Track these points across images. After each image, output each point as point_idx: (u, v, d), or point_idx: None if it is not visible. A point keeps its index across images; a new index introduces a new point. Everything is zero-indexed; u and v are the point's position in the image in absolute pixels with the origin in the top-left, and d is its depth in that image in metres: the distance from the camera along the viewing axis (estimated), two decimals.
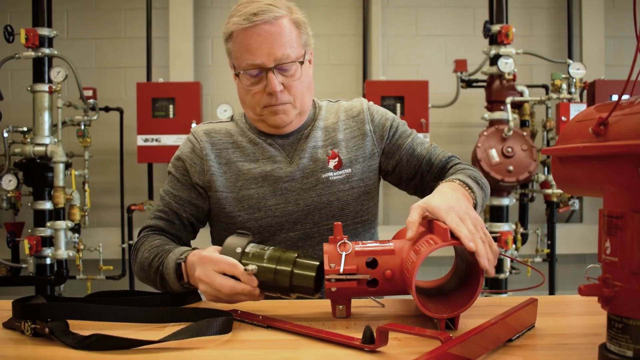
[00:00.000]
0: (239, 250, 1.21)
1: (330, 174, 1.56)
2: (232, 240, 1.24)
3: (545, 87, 4.14)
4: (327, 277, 1.14)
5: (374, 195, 1.65)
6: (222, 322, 1.05)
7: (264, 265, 1.19)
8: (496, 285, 3.86)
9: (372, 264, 1.17)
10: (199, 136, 1.61)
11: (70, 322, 1.05)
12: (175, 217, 1.57)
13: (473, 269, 1.13)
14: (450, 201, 1.18)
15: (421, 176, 1.61)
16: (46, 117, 3.70)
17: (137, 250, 1.52)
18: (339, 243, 1.18)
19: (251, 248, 1.23)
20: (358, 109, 1.66)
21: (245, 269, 1.17)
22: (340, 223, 1.21)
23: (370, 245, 1.19)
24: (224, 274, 1.20)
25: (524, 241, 4.05)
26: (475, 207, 1.34)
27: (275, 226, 1.54)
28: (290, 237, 1.54)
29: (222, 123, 1.67)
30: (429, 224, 1.20)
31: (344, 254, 1.16)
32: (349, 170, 1.58)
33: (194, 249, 1.37)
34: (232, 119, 1.69)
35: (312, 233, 1.56)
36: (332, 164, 1.57)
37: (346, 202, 1.57)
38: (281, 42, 1.45)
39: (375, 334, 0.95)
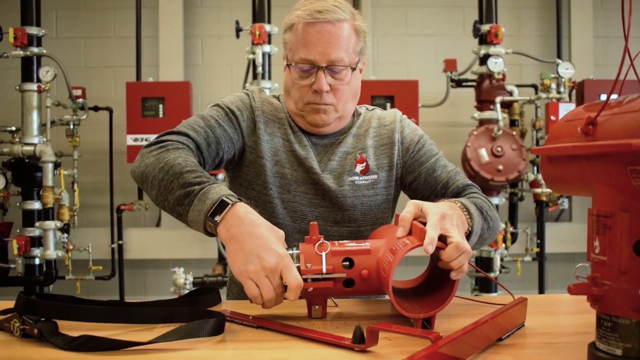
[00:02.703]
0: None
1: (357, 177, 1.57)
2: None
3: (534, 86, 4.16)
4: (303, 277, 1.12)
5: (393, 204, 1.66)
6: (214, 323, 1.04)
7: None
8: (486, 285, 3.87)
9: (349, 264, 1.16)
10: (256, 96, 1.61)
11: (59, 322, 1.04)
12: (215, 143, 1.48)
13: (449, 270, 1.14)
14: (445, 211, 1.18)
15: (435, 198, 1.59)
16: (35, 116, 3.68)
17: (166, 150, 1.35)
18: (317, 243, 1.17)
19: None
20: (391, 119, 1.66)
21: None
22: (316, 223, 1.20)
23: (347, 245, 1.19)
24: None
25: (513, 240, 4.06)
26: (470, 234, 1.32)
27: (300, 213, 1.55)
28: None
29: (274, 99, 1.67)
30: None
31: (323, 253, 1.15)
32: (375, 176, 1.58)
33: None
34: (278, 99, 1.68)
35: (332, 232, 1.56)
36: (359, 168, 1.57)
37: (369, 207, 1.58)
38: (338, 45, 1.46)
39: (365, 333, 0.95)
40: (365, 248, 1.18)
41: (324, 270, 1.13)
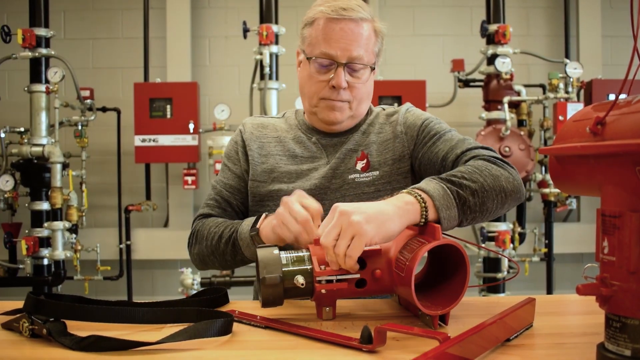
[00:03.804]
0: (276, 251, 1.17)
1: (357, 175, 1.55)
2: (264, 250, 1.18)
3: (542, 86, 4.15)
4: (317, 279, 1.13)
5: None
6: (222, 323, 1.04)
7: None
8: (494, 285, 3.86)
9: (361, 265, 1.16)
10: (246, 127, 1.68)
11: (68, 322, 1.05)
12: (227, 205, 1.63)
13: (455, 265, 1.14)
14: (358, 207, 1.13)
15: (438, 175, 1.44)
16: (43, 117, 3.70)
17: (198, 232, 1.57)
18: None
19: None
20: (397, 114, 1.64)
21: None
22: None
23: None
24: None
25: (521, 240, 4.05)
26: (437, 209, 1.19)
27: None
28: None
29: (272, 118, 1.72)
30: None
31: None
32: (377, 172, 1.55)
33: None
34: (283, 115, 1.73)
35: None
36: (359, 165, 1.56)
37: None
38: (359, 43, 1.49)
39: (373, 334, 0.95)
40: (375, 248, 1.17)
41: (336, 278, 1.13)
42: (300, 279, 1.13)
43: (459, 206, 1.23)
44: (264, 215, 1.40)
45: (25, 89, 3.70)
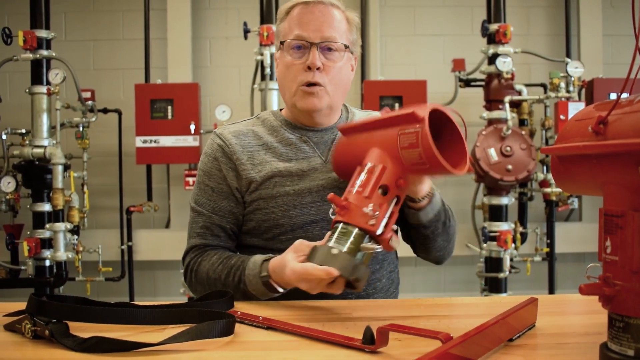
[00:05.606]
0: (330, 250, 1.19)
1: None
2: (318, 258, 1.19)
3: (543, 85, 4.14)
4: (377, 233, 1.18)
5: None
6: (224, 324, 1.05)
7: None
8: (496, 285, 3.86)
9: (384, 190, 1.20)
10: (227, 138, 1.58)
11: (70, 324, 1.05)
12: (220, 230, 1.57)
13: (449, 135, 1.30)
14: None
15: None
16: (44, 119, 3.70)
17: (196, 274, 1.53)
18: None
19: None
20: None
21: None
22: (333, 193, 1.23)
23: (361, 179, 1.23)
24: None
25: (523, 240, 4.04)
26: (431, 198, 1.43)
27: (310, 223, 1.52)
28: (324, 234, 1.44)
29: (245, 123, 1.65)
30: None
31: (372, 206, 1.18)
32: None
33: (267, 259, 1.38)
34: (257, 117, 1.67)
35: None
36: None
37: None
38: (331, 24, 1.51)
39: (375, 334, 0.95)
40: (377, 167, 1.23)
41: (388, 215, 1.20)
42: (369, 246, 1.18)
43: (435, 211, 1.48)
44: (266, 262, 1.37)
45: (27, 90, 3.70)
